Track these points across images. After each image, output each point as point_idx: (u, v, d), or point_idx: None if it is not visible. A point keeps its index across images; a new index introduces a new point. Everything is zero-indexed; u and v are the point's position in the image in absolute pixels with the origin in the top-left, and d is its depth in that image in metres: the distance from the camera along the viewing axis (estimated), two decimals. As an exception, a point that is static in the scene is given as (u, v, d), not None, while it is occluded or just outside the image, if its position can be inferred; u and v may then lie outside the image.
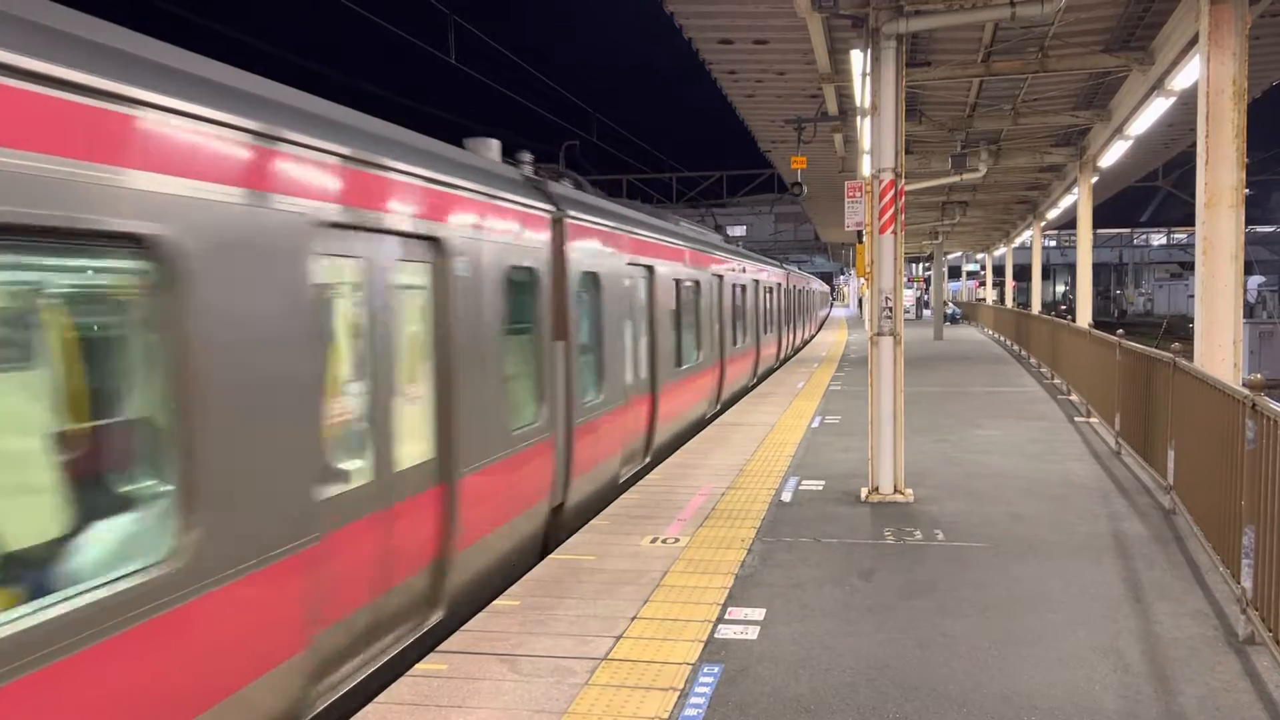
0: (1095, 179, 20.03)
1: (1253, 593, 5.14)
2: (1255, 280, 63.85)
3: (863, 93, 9.93)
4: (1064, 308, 58.17)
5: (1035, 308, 29.43)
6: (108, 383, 3.66)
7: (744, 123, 17.33)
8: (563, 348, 7.88)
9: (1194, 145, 9.19)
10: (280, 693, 4.22)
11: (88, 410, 3.55)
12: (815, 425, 13.47)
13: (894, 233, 8.73)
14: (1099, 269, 64.45)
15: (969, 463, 10.45)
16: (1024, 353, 25.01)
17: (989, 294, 54.21)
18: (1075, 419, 13.60)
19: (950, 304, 53.28)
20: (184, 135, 3.70)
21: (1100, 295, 67.86)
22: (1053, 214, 28.94)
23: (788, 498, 8.92)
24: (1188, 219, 46.74)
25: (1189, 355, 8.40)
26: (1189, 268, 64.11)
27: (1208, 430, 6.52)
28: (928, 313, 55.21)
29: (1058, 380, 17.99)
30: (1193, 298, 9.60)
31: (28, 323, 3.33)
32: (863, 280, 12.93)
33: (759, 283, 20.97)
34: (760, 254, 27.37)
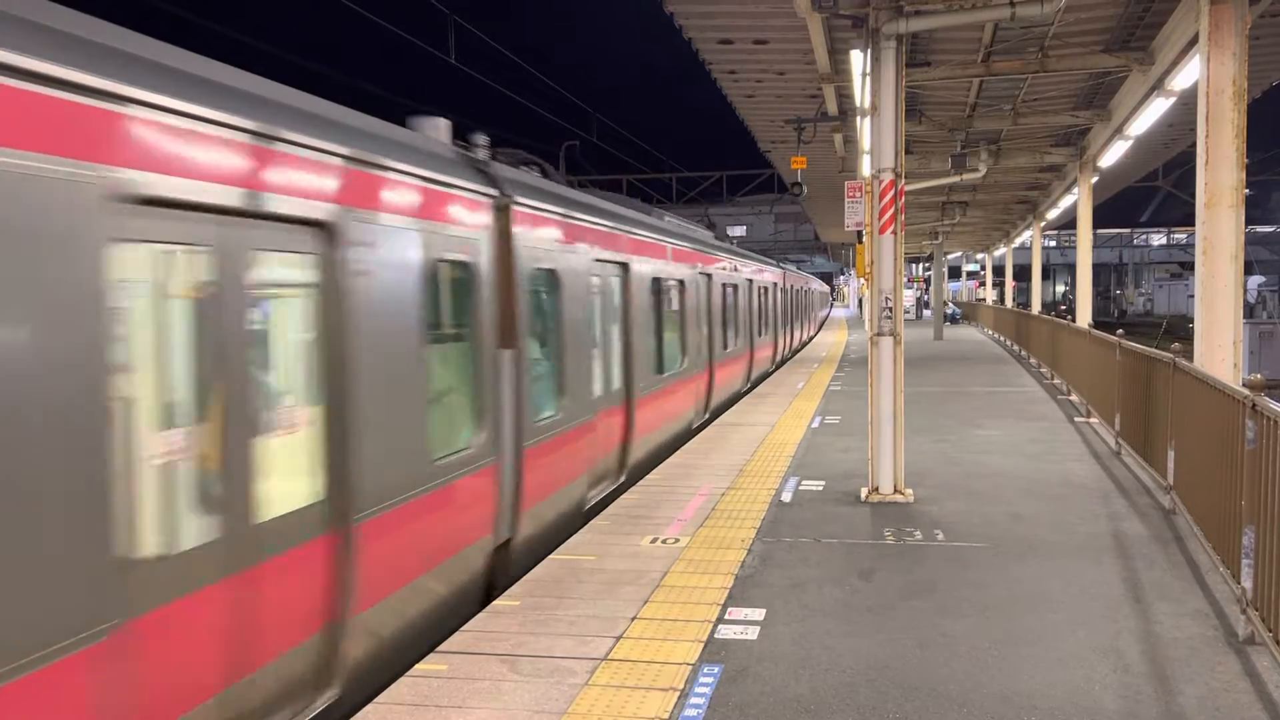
0: (1095, 179, 20.04)
1: (1253, 593, 5.14)
2: (1255, 280, 63.89)
3: (863, 93, 9.93)
4: (1064, 308, 58.18)
5: (1035, 308, 29.45)
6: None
7: (744, 123, 17.35)
8: (511, 357, 6.85)
9: (1194, 145, 9.19)
10: None
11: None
12: (815, 425, 13.47)
13: (894, 233, 8.73)
14: (1099, 269, 64.41)
15: (969, 463, 10.45)
16: (1024, 353, 25.01)
17: (989, 294, 54.24)
18: (1075, 419, 13.60)
19: (950, 304, 53.29)
20: None
21: (1100, 295, 67.86)
22: (1053, 214, 28.96)
23: (788, 498, 8.92)
24: (1188, 219, 46.73)
25: (1189, 355, 8.40)
26: (1189, 268, 64.10)
27: (1208, 430, 6.52)
28: (928, 313, 55.19)
29: (1058, 380, 17.99)
30: (1193, 298, 9.60)
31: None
32: (863, 280, 12.92)
33: (752, 282, 19.96)
34: (760, 254, 27.13)
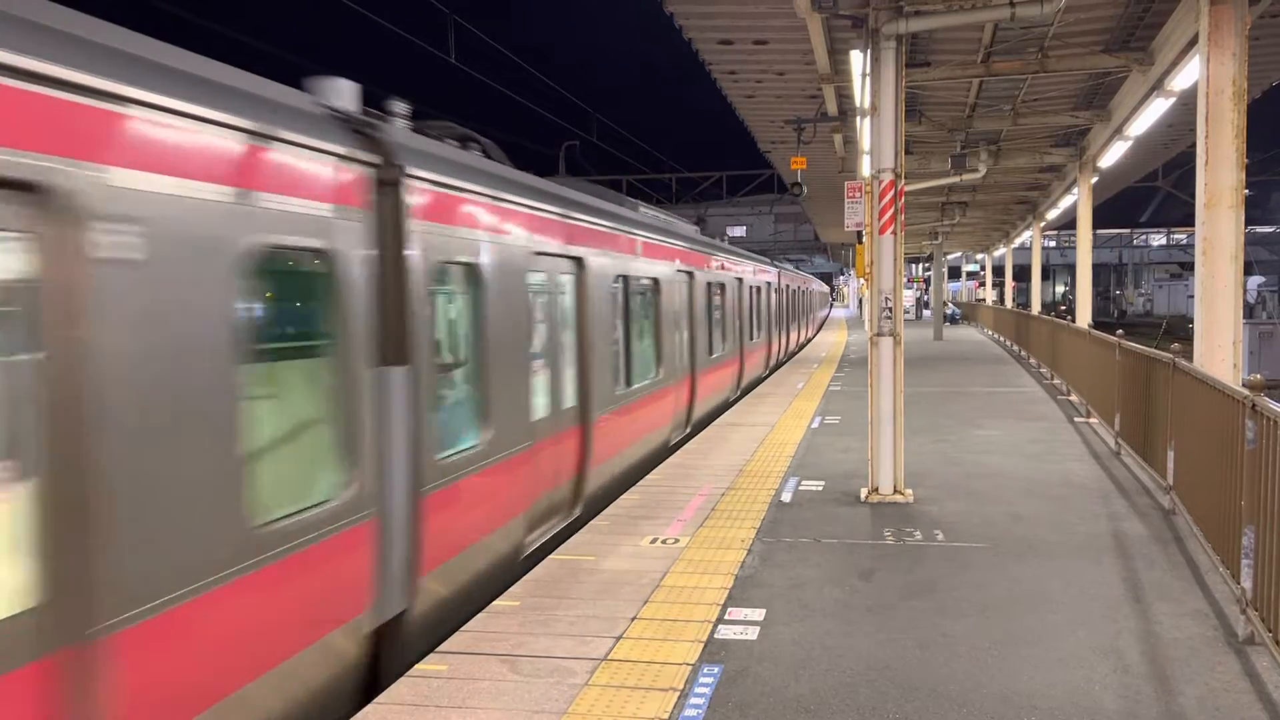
0: (1095, 179, 20.03)
1: (1252, 593, 5.14)
2: (1255, 280, 63.84)
3: (862, 93, 9.92)
4: (1064, 308, 58.18)
5: (1035, 308, 29.44)
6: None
7: (744, 123, 17.34)
8: (401, 376, 5.36)
9: (1194, 145, 9.19)
10: None
11: None
12: (815, 425, 13.47)
13: (894, 233, 8.73)
14: (1099, 269, 64.44)
15: (969, 463, 10.46)
16: (1024, 353, 25.01)
17: (989, 294, 54.22)
18: (1075, 419, 13.60)
19: (950, 304, 53.29)
20: None
21: (1100, 296, 67.87)
22: (1052, 214, 28.94)
23: (787, 498, 8.92)
24: (1187, 219, 46.68)
25: (1189, 355, 8.40)
26: (1189, 268, 64.13)
27: (1207, 430, 6.52)
28: (928, 313, 55.23)
29: (1057, 380, 17.99)
30: (1192, 298, 9.60)
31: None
32: (862, 281, 12.91)
33: (743, 281, 18.60)
34: (760, 254, 26.93)
